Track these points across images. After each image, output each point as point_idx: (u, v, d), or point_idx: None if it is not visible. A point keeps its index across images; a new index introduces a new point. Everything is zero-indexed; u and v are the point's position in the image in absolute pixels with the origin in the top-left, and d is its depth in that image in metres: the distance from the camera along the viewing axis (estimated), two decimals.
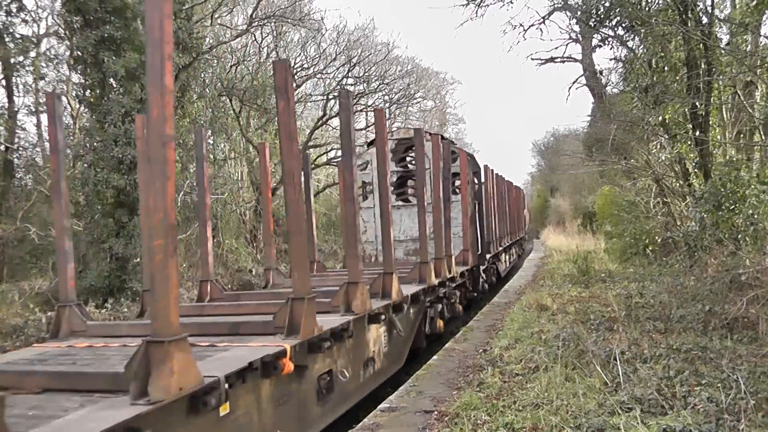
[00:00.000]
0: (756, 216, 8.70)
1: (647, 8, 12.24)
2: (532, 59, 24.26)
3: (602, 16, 13.59)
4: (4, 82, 20.47)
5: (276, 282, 9.32)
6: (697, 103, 11.17)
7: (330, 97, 25.24)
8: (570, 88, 21.67)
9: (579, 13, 15.46)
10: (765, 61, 10.49)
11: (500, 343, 7.77)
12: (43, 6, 23.20)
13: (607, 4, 13.11)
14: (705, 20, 11.36)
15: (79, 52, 15.34)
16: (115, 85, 14.86)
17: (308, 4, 25.72)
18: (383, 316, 6.88)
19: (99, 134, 14.49)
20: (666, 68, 12.52)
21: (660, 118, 12.44)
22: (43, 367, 4.50)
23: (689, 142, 12.27)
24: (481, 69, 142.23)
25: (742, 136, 12.90)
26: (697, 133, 11.57)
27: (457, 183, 13.21)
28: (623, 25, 13.49)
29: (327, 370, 5.51)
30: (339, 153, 28.79)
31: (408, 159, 14.33)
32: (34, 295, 14.82)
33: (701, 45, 10.85)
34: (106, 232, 14.10)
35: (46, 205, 17.29)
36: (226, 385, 3.87)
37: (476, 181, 15.52)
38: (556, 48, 47.04)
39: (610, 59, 19.08)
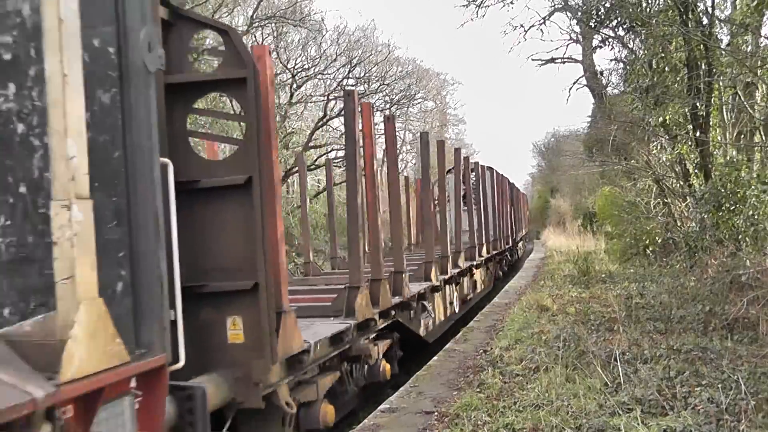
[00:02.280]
0: (756, 216, 8.72)
1: (648, 9, 12.22)
2: (533, 60, 24.30)
3: (602, 17, 13.59)
4: None
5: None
6: (697, 104, 11.17)
7: (331, 97, 25.24)
8: (570, 88, 21.67)
9: (579, 13, 15.48)
10: (765, 62, 10.50)
11: (501, 344, 7.76)
12: None
13: (607, 5, 13.11)
14: (705, 21, 11.36)
15: None
16: None
17: (309, 5, 25.74)
18: (486, 261, 14.79)
19: None
20: (666, 69, 12.50)
21: (660, 118, 12.42)
22: None
23: (690, 143, 12.27)
24: (482, 70, 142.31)
25: (742, 136, 12.88)
26: (698, 133, 11.57)
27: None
28: (624, 25, 13.49)
29: (474, 281, 12.66)
30: (339, 153, 28.73)
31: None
32: None
33: (702, 46, 10.85)
34: None
35: None
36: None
37: (510, 194, 23.16)
38: (557, 49, 46.97)
39: (611, 60, 19.15)
